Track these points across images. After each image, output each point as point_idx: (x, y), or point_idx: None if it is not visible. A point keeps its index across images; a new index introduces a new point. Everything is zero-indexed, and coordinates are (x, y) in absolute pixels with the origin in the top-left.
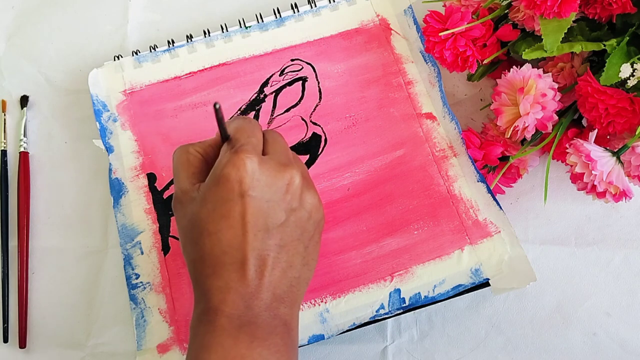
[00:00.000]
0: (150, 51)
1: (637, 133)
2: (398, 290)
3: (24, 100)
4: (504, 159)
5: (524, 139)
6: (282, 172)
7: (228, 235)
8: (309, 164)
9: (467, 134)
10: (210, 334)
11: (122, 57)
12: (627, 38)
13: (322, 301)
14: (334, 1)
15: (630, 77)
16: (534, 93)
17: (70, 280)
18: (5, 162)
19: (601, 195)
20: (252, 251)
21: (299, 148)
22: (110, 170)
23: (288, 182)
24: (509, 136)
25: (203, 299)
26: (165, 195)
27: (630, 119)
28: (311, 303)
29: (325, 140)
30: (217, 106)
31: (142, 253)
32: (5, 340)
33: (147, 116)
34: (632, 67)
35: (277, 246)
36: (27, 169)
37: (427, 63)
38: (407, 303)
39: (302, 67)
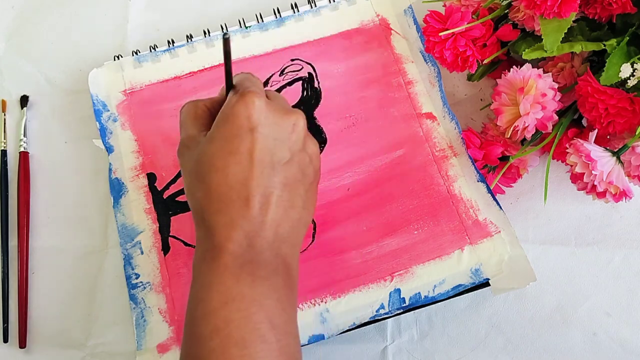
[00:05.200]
0: (150, 51)
1: (637, 133)
2: (398, 290)
3: (24, 100)
4: (504, 159)
5: (524, 139)
6: (287, 114)
7: (235, 170)
8: None
9: (467, 134)
10: (213, 273)
11: (122, 57)
12: (627, 38)
13: (322, 301)
14: (334, 1)
15: (630, 77)
16: (534, 93)
17: (70, 280)
18: (5, 162)
19: (601, 195)
20: (258, 187)
21: None
22: (110, 170)
23: (294, 124)
24: (509, 136)
25: (207, 236)
26: (166, 195)
27: (630, 119)
28: (311, 303)
29: (325, 140)
30: (227, 36)
31: (142, 253)
32: (5, 340)
33: (147, 116)
34: (632, 67)
35: (281, 184)
36: (27, 169)
37: (427, 63)
38: (407, 303)
39: (302, 67)
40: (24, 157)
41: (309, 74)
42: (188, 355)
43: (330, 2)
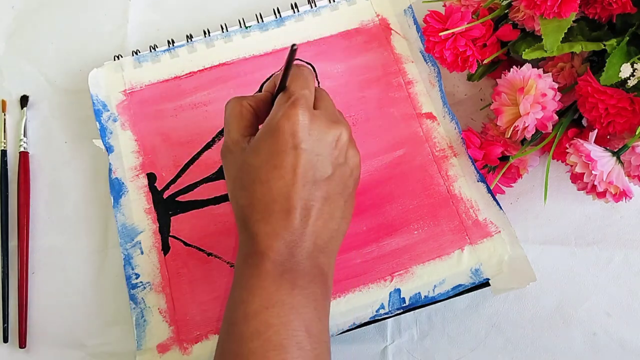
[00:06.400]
0: (150, 51)
1: (637, 133)
2: (398, 290)
3: (24, 100)
4: (504, 159)
5: (524, 139)
6: (331, 128)
7: (279, 185)
8: None
9: (467, 133)
10: (256, 278)
11: (122, 57)
12: (627, 38)
13: None
14: (334, 1)
15: (630, 77)
16: (534, 93)
17: (70, 280)
18: (5, 162)
19: (601, 195)
20: (299, 201)
21: None
22: (110, 170)
23: (337, 138)
24: (509, 136)
25: (250, 242)
26: (166, 195)
27: (630, 119)
28: None
29: None
30: (295, 47)
31: (142, 253)
32: (5, 340)
33: (147, 116)
34: (632, 67)
35: (322, 198)
36: (27, 169)
37: (427, 63)
38: (407, 303)
39: None
40: (24, 157)
41: None
42: (227, 351)
43: (330, 2)
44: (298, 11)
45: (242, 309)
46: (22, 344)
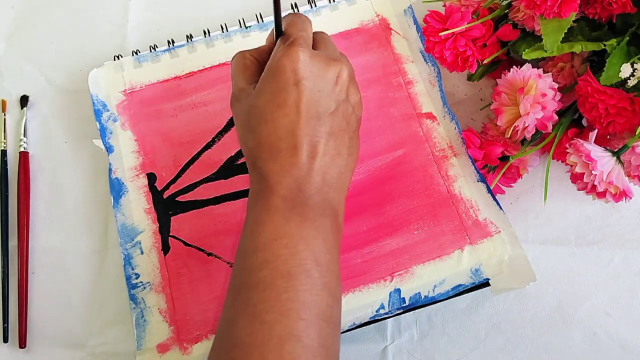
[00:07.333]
0: (150, 51)
1: (637, 133)
2: (398, 290)
3: (24, 100)
4: (504, 159)
5: (524, 139)
6: (332, 65)
7: (284, 122)
8: None
9: (467, 133)
10: (265, 211)
11: (122, 57)
12: (627, 38)
13: None
14: (334, 1)
15: (630, 77)
16: (534, 93)
17: (70, 280)
18: (5, 162)
19: (601, 195)
20: (305, 137)
21: None
22: (110, 170)
23: (337, 75)
24: (509, 136)
25: (260, 180)
26: (166, 195)
27: (630, 119)
28: None
29: None
30: None
31: (142, 253)
32: (5, 340)
33: (147, 116)
34: (632, 67)
35: (326, 134)
36: (27, 169)
37: (427, 63)
38: (407, 303)
39: None
40: (24, 157)
41: None
42: (239, 283)
43: (330, 2)
44: (298, 11)
45: (252, 242)
46: (22, 344)
